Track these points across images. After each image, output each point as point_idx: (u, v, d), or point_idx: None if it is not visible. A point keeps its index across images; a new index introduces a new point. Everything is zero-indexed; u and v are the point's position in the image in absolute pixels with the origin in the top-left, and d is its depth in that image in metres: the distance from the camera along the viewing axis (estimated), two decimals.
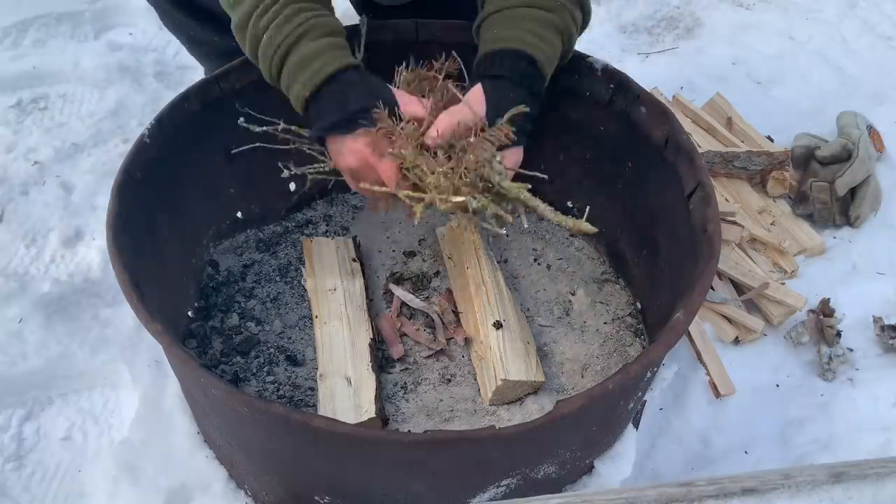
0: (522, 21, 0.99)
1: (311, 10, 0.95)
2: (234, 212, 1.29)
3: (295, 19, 0.94)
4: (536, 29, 0.99)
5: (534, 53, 0.98)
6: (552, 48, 1.00)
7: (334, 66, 0.93)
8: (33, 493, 1.14)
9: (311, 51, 0.94)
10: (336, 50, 0.94)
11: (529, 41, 0.98)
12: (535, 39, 0.98)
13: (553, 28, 1.00)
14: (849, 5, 2.09)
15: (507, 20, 1.00)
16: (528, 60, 0.98)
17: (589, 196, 1.30)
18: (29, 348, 1.25)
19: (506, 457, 0.90)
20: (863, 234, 1.56)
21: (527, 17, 0.99)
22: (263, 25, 0.95)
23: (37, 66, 1.77)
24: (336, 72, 0.93)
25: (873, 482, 0.68)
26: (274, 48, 0.95)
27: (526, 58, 0.97)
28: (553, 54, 1.01)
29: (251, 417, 0.86)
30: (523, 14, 0.99)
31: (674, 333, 0.89)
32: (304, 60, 0.94)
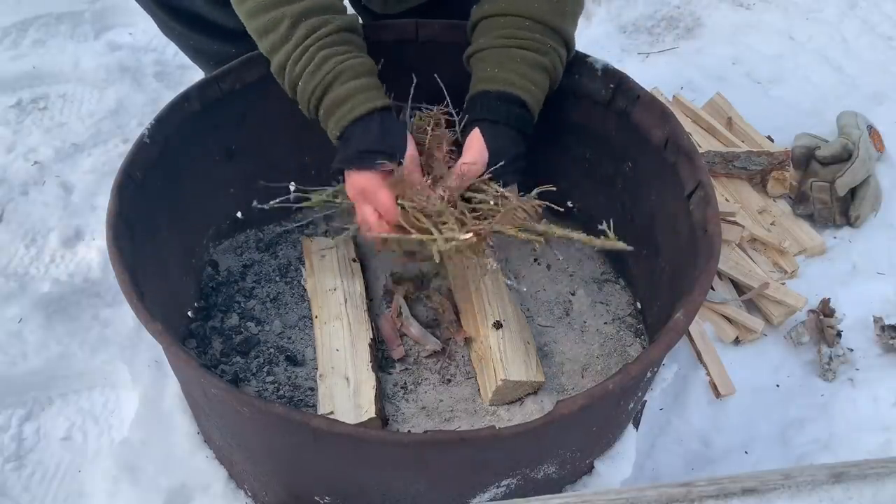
0: (514, 63, 1.05)
1: (340, 55, 1.01)
2: (234, 212, 1.29)
3: (325, 66, 1.01)
4: (527, 72, 1.05)
5: (524, 97, 1.04)
6: (541, 90, 1.07)
7: (359, 112, 1.00)
8: (33, 493, 1.14)
9: (341, 96, 1.00)
10: (363, 93, 1.01)
11: (521, 84, 1.05)
12: (527, 83, 1.05)
13: (542, 70, 1.06)
14: (849, 5, 2.09)
15: (501, 60, 1.06)
16: (519, 104, 1.05)
17: (589, 196, 1.30)
18: (29, 348, 1.25)
19: (506, 457, 0.90)
20: (863, 234, 1.56)
21: (518, 59, 1.05)
22: (298, 73, 1.02)
23: (37, 66, 1.77)
24: (360, 116, 1.00)
25: (873, 482, 0.68)
26: (309, 94, 1.02)
27: (517, 101, 1.04)
28: (541, 96, 1.07)
29: (251, 417, 0.86)
30: (515, 56, 1.05)
31: (674, 333, 0.89)
32: (334, 105, 1.01)
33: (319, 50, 1.00)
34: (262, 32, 1.03)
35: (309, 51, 1.01)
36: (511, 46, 1.05)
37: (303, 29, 1.01)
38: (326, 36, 1.01)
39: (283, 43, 1.02)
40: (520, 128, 1.05)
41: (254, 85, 1.16)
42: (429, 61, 1.23)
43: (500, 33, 1.06)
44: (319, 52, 1.00)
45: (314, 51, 1.01)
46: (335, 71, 1.00)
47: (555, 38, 1.06)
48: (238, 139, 1.21)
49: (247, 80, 1.15)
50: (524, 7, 1.05)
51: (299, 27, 1.01)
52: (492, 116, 1.04)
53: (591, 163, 1.26)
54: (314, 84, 1.01)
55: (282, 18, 1.01)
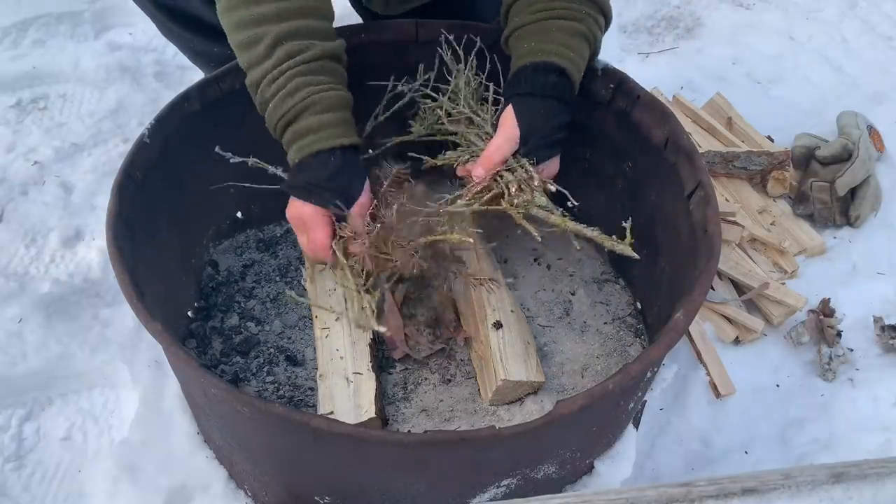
0: (551, 33, 1.04)
1: (315, 85, 1.00)
2: (234, 212, 1.29)
3: (298, 94, 0.99)
4: (565, 40, 1.04)
5: (563, 64, 1.03)
6: (580, 56, 1.06)
7: (321, 146, 0.99)
8: (33, 493, 1.14)
9: (309, 126, 0.99)
10: (331, 128, 1.00)
11: (560, 52, 1.04)
12: (565, 50, 1.04)
13: (581, 36, 1.05)
14: (849, 5, 2.09)
15: (537, 33, 1.05)
16: (557, 72, 1.03)
17: (589, 196, 1.30)
18: (29, 348, 1.25)
19: (506, 457, 0.90)
20: (863, 234, 1.56)
21: (555, 29, 1.04)
22: (270, 94, 1.01)
23: (37, 66, 1.77)
24: (321, 150, 0.99)
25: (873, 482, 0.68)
26: (277, 118, 1.01)
27: (556, 69, 1.03)
28: (581, 62, 1.06)
29: (251, 417, 0.86)
30: (551, 26, 1.05)
31: (674, 333, 0.89)
32: (299, 134, 1.00)
33: (295, 77, 0.99)
34: (243, 47, 1.01)
35: (285, 75, 0.99)
36: (545, 19, 1.04)
37: (283, 51, 0.99)
38: (305, 63, 0.99)
39: (261, 61, 1.00)
40: (558, 96, 1.03)
41: None
42: (429, 62, 1.23)
43: (533, 9, 1.06)
44: (295, 78, 0.99)
45: (290, 76, 0.99)
46: (307, 101, 0.99)
47: (590, 6, 1.05)
48: (238, 139, 1.21)
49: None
50: None
51: (280, 48, 0.99)
52: (525, 89, 1.03)
53: (591, 163, 1.26)
54: (284, 109, 1.00)
55: (264, 36, 0.99)
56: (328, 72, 1.02)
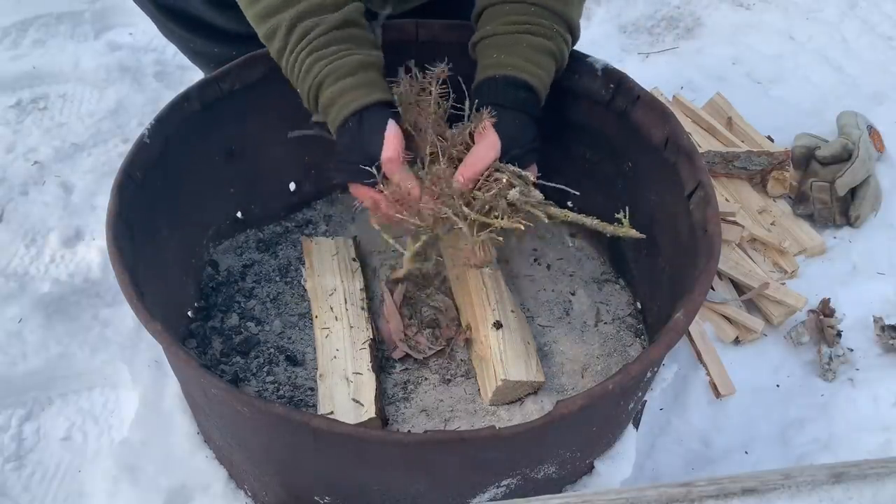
0: (520, 47, 1.04)
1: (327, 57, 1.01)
2: (234, 212, 1.29)
3: (313, 70, 1.02)
4: (534, 56, 1.05)
5: (531, 81, 1.04)
6: (547, 73, 1.06)
7: (340, 117, 1.02)
8: (33, 493, 1.14)
9: (327, 100, 1.02)
10: (346, 94, 1.01)
11: (527, 68, 1.04)
12: (532, 66, 1.04)
13: (549, 54, 1.06)
14: (849, 5, 2.09)
15: (507, 45, 1.05)
16: (525, 88, 1.04)
17: (589, 196, 1.30)
18: (29, 348, 1.25)
19: (506, 457, 0.90)
20: (863, 234, 1.56)
21: (525, 44, 1.04)
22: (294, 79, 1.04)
23: (37, 66, 1.77)
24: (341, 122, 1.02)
25: (873, 482, 0.68)
26: (307, 98, 1.05)
27: (523, 85, 1.04)
28: (547, 80, 1.07)
29: (251, 417, 0.86)
30: (522, 41, 1.05)
31: (674, 333, 0.89)
32: (325, 107, 1.03)
33: (309, 54, 1.02)
34: (267, 39, 1.05)
35: (300, 56, 1.02)
36: (516, 32, 1.05)
37: (296, 34, 1.02)
38: (316, 38, 1.01)
39: (283, 50, 1.03)
40: (527, 111, 1.05)
41: (254, 85, 1.16)
42: (429, 62, 1.23)
43: (505, 19, 1.06)
44: (308, 56, 1.02)
45: (304, 56, 1.02)
46: (321, 75, 1.01)
47: (560, 23, 1.06)
48: (238, 139, 1.21)
49: (247, 80, 1.15)
50: None
51: (294, 32, 1.02)
52: (499, 101, 1.04)
53: (590, 163, 1.26)
54: (307, 88, 1.03)
55: (279, 25, 1.02)
56: (342, 40, 1.03)
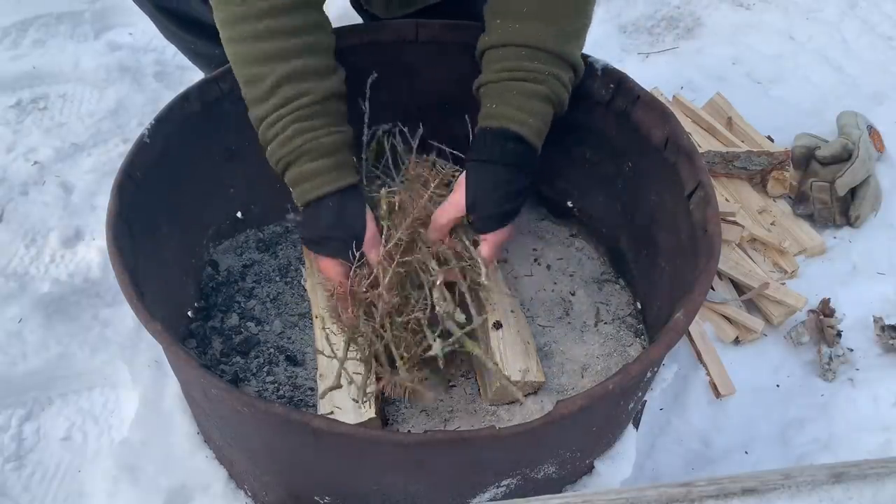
0: (511, 95, 1.03)
1: (313, 130, 1.01)
2: (234, 212, 1.29)
3: (295, 140, 1.00)
4: (525, 103, 1.03)
5: (520, 132, 1.02)
6: (540, 119, 1.04)
7: (318, 193, 1.02)
8: (33, 493, 1.14)
9: (305, 173, 1.01)
10: (326, 174, 1.01)
11: (518, 118, 1.03)
12: (524, 115, 1.03)
13: (541, 98, 1.03)
14: (849, 5, 2.09)
15: (498, 94, 1.04)
16: (514, 139, 1.03)
17: (589, 196, 1.30)
18: (29, 348, 1.25)
19: (506, 457, 0.90)
20: (863, 234, 1.56)
21: (516, 91, 1.03)
22: (269, 137, 1.02)
23: (37, 66, 1.77)
24: (319, 197, 1.02)
25: (873, 482, 0.68)
26: (276, 160, 1.03)
27: (513, 137, 1.03)
28: (542, 124, 1.05)
29: (251, 417, 0.86)
30: (512, 88, 1.03)
31: (674, 333, 0.89)
32: (297, 180, 1.02)
33: (292, 123, 1.00)
34: (246, 83, 1.02)
35: (283, 120, 1.00)
36: (508, 80, 1.03)
37: (282, 95, 0.99)
38: (303, 108, 1.00)
39: (262, 102, 1.01)
40: (515, 163, 1.03)
41: None
42: (429, 62, 1.23)
43: (498, 66, 1.05)
44: (293, 124, 1.00)
45: (288, 122, 1.00)
46: (303, 148, 1.00)
47: (555, 63, 1.03)
48: (238, 139, 1.21)
49: None
50: (522, 36, 1.02)
51: (279, 91, 0.99)
52: (482, 156, 1.04)
53: (591, 163, 1.26)
54: (282, 154, 1.01)
55: (266, 76, 0.99)
56: (325, 114, 1.02)
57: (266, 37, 0.98)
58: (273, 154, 1.02)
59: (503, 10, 1.04)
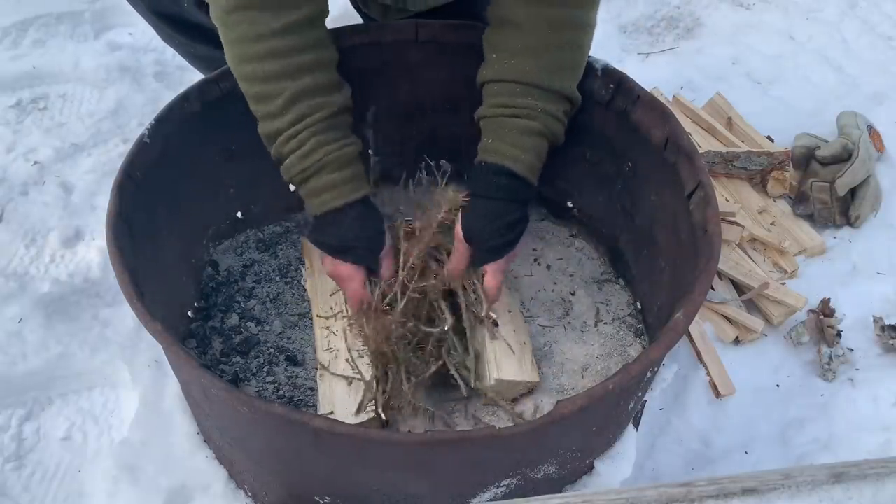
0: (505, 132, 1.06)
1: (330, 143, 1.03)
2: (234, 212, 1.29)
3: (315, 154, 1.02)
4: (518, 139, 1.05)
5: (513, 167, 1.05)
6: (533, 153, 1.06)
7: (340, 202, 1.04)
8: (33, 493, 1.14)
9: (326, 184, 1.04)
10: (346, 185, 1.04)
11: (511, 153, 1.05)
12: (517, 151, 1.05)
13: (535, 134, 1.06)
14: (849, 5, 2.09)
15: (493, 130, 1.07)
16: (507, 174, 1.05)
17: (589, 196, 1.30)
18: (29, 348, 1.25)
19: (506, 457, 0.90)
20: (863, 234, 1.56)
21: (509, 128, 1.05)
22: (286, 152, 1.03)
23: (37, 66, 1.77)
24: (340, 207, 1.04)
25: (873, 482, 0.68)
26: (295, 173, 1.04)
27: (506, 172, 1.05)
28: (535, 159, 1.07)
29: (251, 417, 0.86)
30: (506, 125, 1.06)
31: (674, 333, 0.89)
32: (316, 191, 1.04)
33: (311, 136, 1.02)
34: (256, 99, 1.04)
35: (301, 135, 1.02)
36: (501, 115, 1.06)
37: (297, 111, 1.01)
38: (318, 122, 1.02)
39: (276, 118, 1.02)
40: (509, 197, 1.06)
41: None
42: (429, 62, 1.23)
43: (493, 101, 1.07)
44: (311, 137, 1.02)
45: (306, 136, 1.02)
46: (323, 161, 1.02)
47: (548, 99, 1.05)
48: (238, 139, 1.21)
49: None
50: (516, 72, 1.05)
51: (295, 107, 1.01)
52: (477, 191, 1.06)
53: (590, 163, 1.26)
54: (302, 167, 1.03)
55: (278, 94, 1.01)
56: (339, 127, 1.05)
57: (276, 56, 1.00)
58: (291, 167, 1.04)
59: (499, 45, 1.07)
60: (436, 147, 1.26)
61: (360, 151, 1.08)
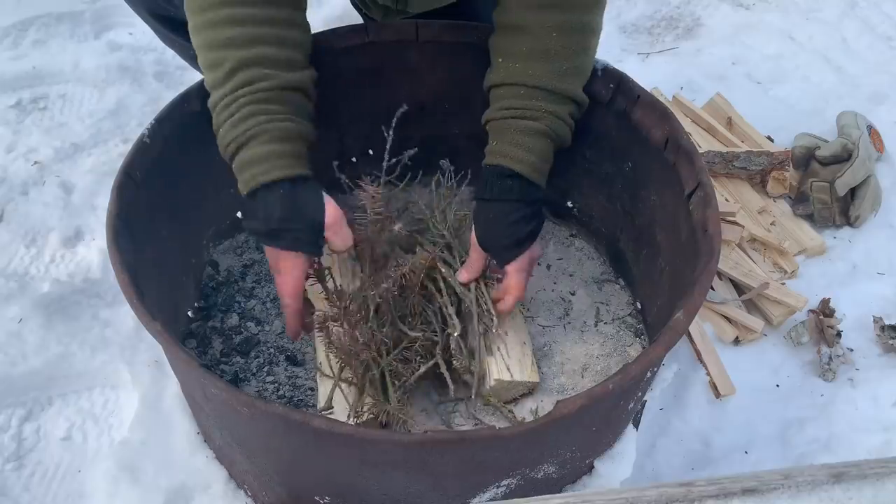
0: (510, 133, 1.06)
1: (267, 114, 0.96)
2: (234, 212, 1.29)
3: (247, 122, 0.95)
4: (523, 140, 1.05)
5: (518, 169, 1.05)
6: (538, 155, 1.06)
7: (267, 178, 0.95)
8: (33, 493, 1.14)
9: (255, 156, 0.95)
10: (278, 159, 0.95)
11: (516, 155, 1.05)
12: (522, 152, 1.05)
13: (539, 135, 1.05)
14: (849, 5, 2.09)
15: (499, 132, 1.07)
16: (513, 176, 1.05)
17: (589, 196, 1.30)
18: (29, 348, 1.25)
19: (506, 457, 0.90)
20: (863, 234, 1.56)
21: (514, 129, 1.05)
22: (222, 120, 0.97)
23: (37, 66, 1.77)
24: (267, 182, 0.95)
25: (873, 482, 0.68)
26: (226, 144, 0.97)
27: (512, 174, 1.05)
28: (539, 160, 1.06)
29: (251, 417, 0.86)
30: (511, 126, 1.06)
31: (674, 333, 0.89)
32: (245, 164, 0.96)
33: (247, 104, 0.95)
34: (207, 68, 0.99)
35: (237, 101, 0.95)
36: (507, 118, 1.06)
37: (240, 77, 0.96)
38: (260, 91, 0.96)
39: (220, 85, 0.97)
40: (517, 198, 1.06)
41: None
42: (429, 62, 1.23)
43: (498, 104, 1.07)
44: (246, 106, 0.95)
45: (242, 103, 0.95)
46: (255, 130, 0.95)
47: (553, 100, 1.05)
48: None
49: None
50: (521, 75, 1.05)
51: (238, 74, 0.96)
52: (485, 195, 1.07)
53: (590, 163, 1.26)
54: (232, 136, 0.96)
55: (225, 60, 0.96)
56: (285, 102, 0.98)
57: (230, 23, 0.96)
58: (224, 138, 0.97)
59: (506, 50, 1.07)
60: (436, 147, 1.26)
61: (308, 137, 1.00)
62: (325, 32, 1.18)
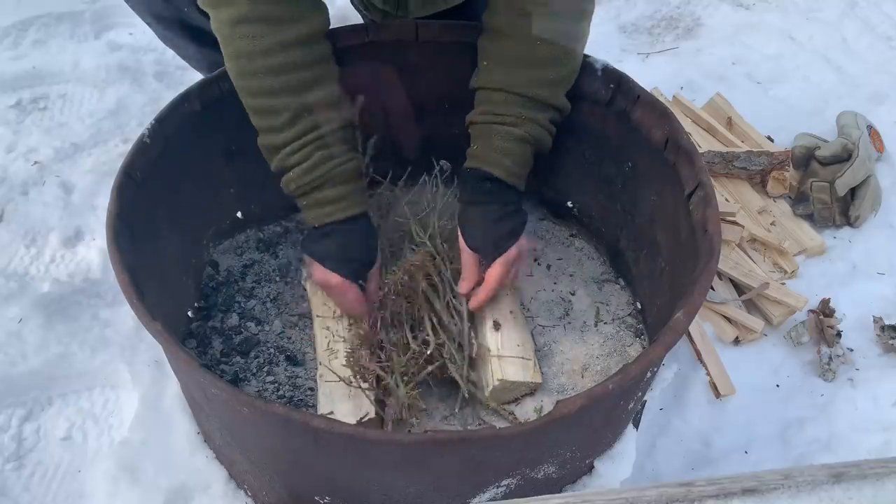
0: (491, 138, 1.09)
1: (336, 158, 1.05)
2: (234, 212, 1.29)
3: (319, 168, 1.04)
4: (503, 145, 1.08)
5: (497, 174, 1.08)
6: (517, 159, 1.09)
7: (342, 215, 1.06)
8: (33, 493, 1.14)
9: (329, 197, 1.06)
10: (348, 199, 1.06)
11: (495, 160, 1.08)
12: (502, 157, 1.08)
13: (519, 141, 1.08)
14: (849, 5, 2.09)
15: (480, 136, 1.11)
16: (491, 179, 1.09)
17: (589, 196, 1.30)
18: (29, 348, 1.25)
19: (506, 457, 0.90)
20: (863, 235, 1.56)
21: (494, 134, 1.09)
22: (291, 164, 1.05)
23: (37, 66, 1.77)
24: (342, 219, 1.06)
25: (873, 482, 0.68)
26: (297, 185, 1.05)
27: (490, 178, 1.09)
28: (520, 164, 1.10)
29: (251, 417, 0.86)
30: (492, 131, 1.09)
31: (674, 333, 0.89)
32: (320, 203, 1.06)
33: (315, 150, 1.03)
34: (258, 112, 1.04)
35: (306, 148, 1.03)
36: (488, 122, 1.09)
37: (302, 125, 1.02)
38: (324, 136, 1.03)
39: (280, 132, 1.03)
40: (494, 200, 1.10)
41: None
42: (429, 62, 1.23)
43: (481, 108, 1.11)
44: (316, 152, 1.03)
45: (311, 150, 1.03)
46: (327, 175, 1.04)
47: (534, 107, 1.08)
48: (238, 139, 1.21)
49: None
50: (504, 81, 1.08)
51: (300, 122, 1.02)
52: (465, 198, 1.12)
53: (591, 163, 1.26)
54: (306, 180, 1.04)
55: (283, 108, 1.02)
56: (343, 142, 1.06)
57: (278, 72, 1.00)
58: (294, 180, 1.05)
59: (491, 53, 1.10)
60: (436, 147, 1.26)
61: (362, 166, 1.10)
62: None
